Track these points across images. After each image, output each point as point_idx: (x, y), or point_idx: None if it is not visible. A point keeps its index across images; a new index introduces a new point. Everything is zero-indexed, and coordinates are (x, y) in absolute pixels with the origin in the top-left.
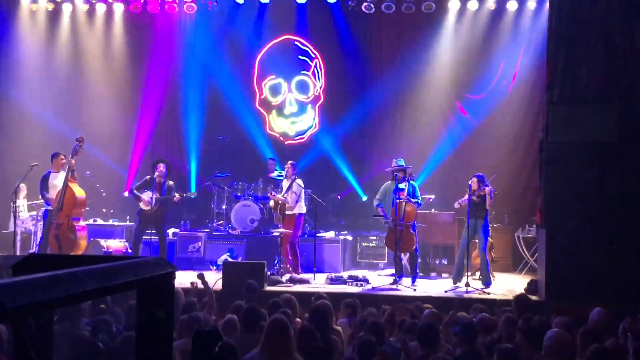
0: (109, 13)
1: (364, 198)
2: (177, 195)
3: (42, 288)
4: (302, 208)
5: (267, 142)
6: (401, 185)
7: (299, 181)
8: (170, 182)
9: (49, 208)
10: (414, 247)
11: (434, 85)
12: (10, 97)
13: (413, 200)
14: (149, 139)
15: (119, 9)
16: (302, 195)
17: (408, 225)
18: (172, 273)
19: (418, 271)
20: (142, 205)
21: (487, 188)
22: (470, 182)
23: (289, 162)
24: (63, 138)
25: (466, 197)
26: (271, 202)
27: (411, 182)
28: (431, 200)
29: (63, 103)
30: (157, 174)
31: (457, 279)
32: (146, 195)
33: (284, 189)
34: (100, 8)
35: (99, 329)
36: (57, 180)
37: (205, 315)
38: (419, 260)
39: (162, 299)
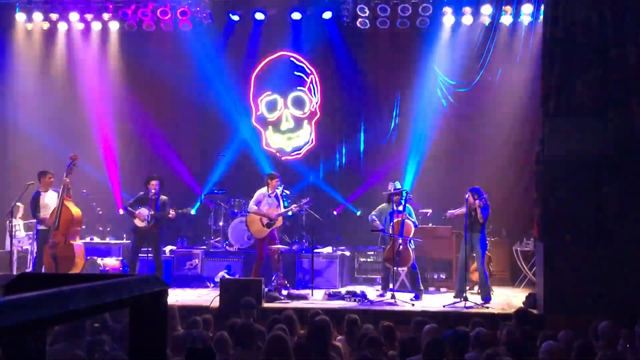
0: (105, 31)
1: (358, 213)
2: (172, 212)
3: (31, 307)
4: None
5: (263, 159)
6: (399, 208)
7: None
8: (164, 197)
9: (42, 227)
10: (411, 263)
11: (428, 99)
12: (5, 116)
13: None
14: (144, 156)
15: (114, 27)
16: None
17: (406, 241)
18: (164, 291)
19: (422, 287)
20: (137, 222)
21: (477, 202)
22: (466, 196)
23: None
24: (58, 157)
25: (459, 210)
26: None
27: (407, 205)
28: (429, 214)
29: (58, 122)
30: (150, 190)
31: (459, 293)
32: (142, 212)
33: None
34: (96, 26)
35: (94, 348)
36: (48, 199)
37: (202, 333)
38: (419, 275)
39: (155, 317)
